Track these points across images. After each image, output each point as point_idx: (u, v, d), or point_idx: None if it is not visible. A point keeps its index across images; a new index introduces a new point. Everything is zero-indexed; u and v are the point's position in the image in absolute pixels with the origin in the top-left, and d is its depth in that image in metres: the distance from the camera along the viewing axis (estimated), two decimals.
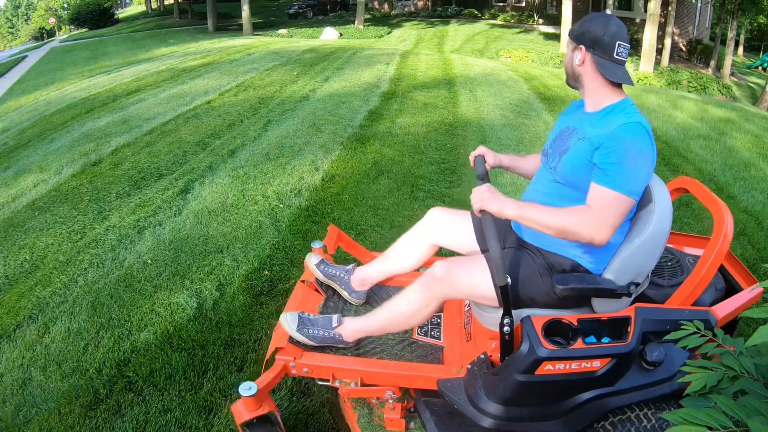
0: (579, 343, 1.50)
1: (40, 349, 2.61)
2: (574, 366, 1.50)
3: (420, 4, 31.30)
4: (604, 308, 1.68)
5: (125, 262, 3.33)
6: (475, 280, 1.68)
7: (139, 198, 4.28)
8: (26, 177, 4.99)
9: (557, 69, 14.77)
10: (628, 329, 1.54)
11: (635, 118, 1.56)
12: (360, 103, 7.33)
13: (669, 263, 1.89)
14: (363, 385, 1.78)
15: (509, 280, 1.53)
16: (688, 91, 13.85)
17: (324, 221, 3.83)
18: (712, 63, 19.87)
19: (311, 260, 2.17)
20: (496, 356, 1.66)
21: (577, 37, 1.67)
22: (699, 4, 20.48)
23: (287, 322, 1.85)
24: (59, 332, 2.71)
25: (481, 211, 1.62)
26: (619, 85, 1.66)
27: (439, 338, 1.99)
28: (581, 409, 1.58)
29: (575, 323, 1.56)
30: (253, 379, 1.67)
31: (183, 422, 2.13)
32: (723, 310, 1.64)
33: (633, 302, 1.68)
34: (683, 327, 1.34)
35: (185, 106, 7.35)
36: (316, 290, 2.16)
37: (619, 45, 1.61)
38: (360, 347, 1.91)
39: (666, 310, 1.58)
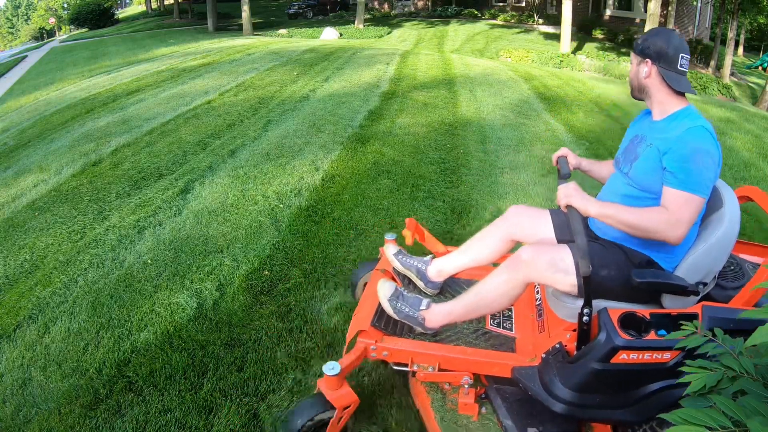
0: (652, 335, 1.59)
1: (40, 349, 2.61)
2: (646, 357, 1.58)
3: (420, 4, 31.29)
4: (672, 305, 1.76)
5: (125, 262, 3.34)
6: (559, 266, 1.77)
7: (139, 198, 4.28)
8: (26, 177, 4.99)
9: (557, 69, 14.78)
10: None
11: (699, 122, 1.71)
12: (360, 103, 7.33)
13: (731, 267, 1.96)
14: (440, 370, 1.87)
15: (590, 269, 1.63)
16: None
17: (324, 221, 3.83)
18: (712, 63, 19.87)
19: (389, 250, 2.29)
20: (570, 346, 1.77)
21: (642, 52, 1.80)
22: (699, 4, 20.49)
23: (383, 288, 2.02)
24: (59, 332, 2.71)
25: (567, 207, 1.75)
26: (682, 94, 1.80)
27: (510, 330, 2.08)
28: (650, 398, 1.65)
29: (648, 317, 1.65)
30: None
31: (183, 422, 2.13)
32: None
33: (699, 301, 1.74)
34: (683, 327, 1.34)
35: (185, 106, 7.35)
36: (393, 279, 2.22)
37: (682, 57, 1.76)
38: (436, 334, 2.01)
39: (730, 310, 1.63)
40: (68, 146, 5.83)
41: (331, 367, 1.79)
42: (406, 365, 1.90)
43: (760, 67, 27.40)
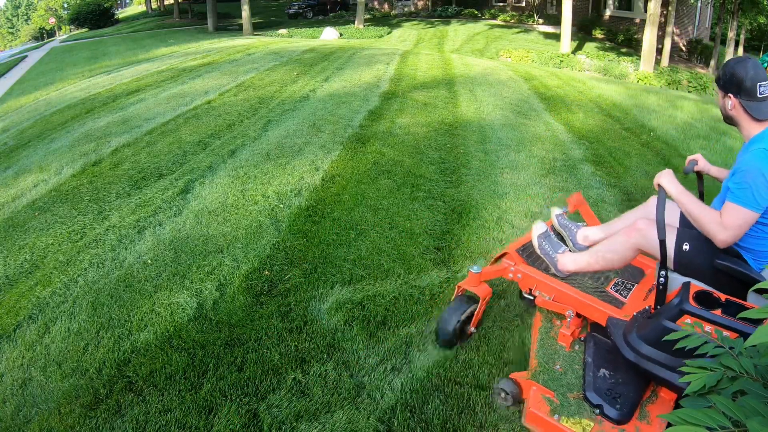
0: (718, 312, 1.75)
1: (40, 349, 2.61)
2: (707, 329, 1.68)
3: (420, 4, 31.29)
4: (756, 302, 1.88)
5: (125, 262, 3.34)
6: (653, 235, 2.05)
7: (139, 198, 4.28)
8: (26, 177, 5.00)
9: (557, 69, 14.78)
10: (764, 321, 1.64)
11: (764, 144, 1.86)
12: (360, 103, 7.33)
13: None
14: (555, 300, 2.31)
15: (666, 237, 1.94)
16: (688, 91, 13.85)
17: (324, 221, 3.83)
18: (712, 63, 19.86)
19: (554, 211, 2.68)
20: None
21: (723, 87, 1.99)
22: (699, 4, 20.48)
23: (537, 227, 2.51)
24: (59, 332, 2.71)
25: (658, 185, 2.09)
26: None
27: (625, 297, 2.34)
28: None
29: (722, 299, 1.84)
30: None
31: (183, 422, 2.13)
32: None
33: None
34: (684, 327, 1.34)
35: (185, 106, 7.35)
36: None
37: (760, 86, 1.91)
38: (564, 279, 2.41)
39: None
40: (68, 146, 5.83)
41: (476, 268, 2.42)
42: (532, 296, 2.37)
43: None
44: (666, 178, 2.09)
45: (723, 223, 1.90)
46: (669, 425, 1.04)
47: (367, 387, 2.32)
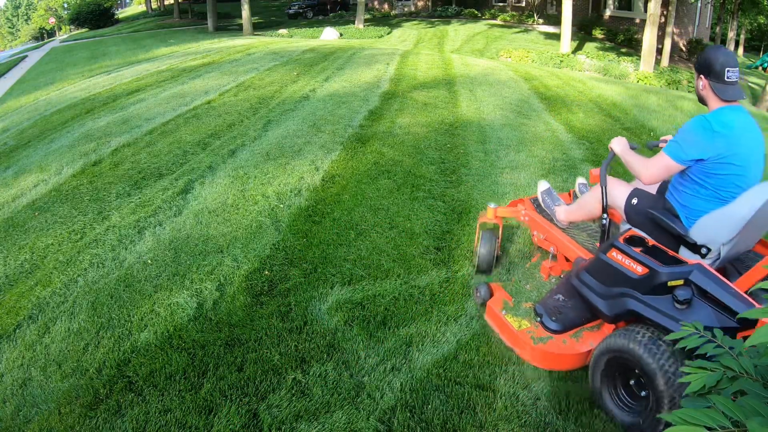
0: (637, 250, 2.16)
1: (40, 349, 2.61)
2: (627, 262, 2.16)
3: (420, 4, 31.28)
4: (686, 256, 2.21)
5: (125, 262, 3.34)
6: (614, 193, 2.55)
7: (139, 198, 4.28)
8: (26, 177, 5.00)
9: (557, 69, 14.78)
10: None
11: (708, 114, 2.15)
12: (360, 103, 7.33)
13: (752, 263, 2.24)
14: (545, 240, 2.92)
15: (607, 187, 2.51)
16: (688, 91, 13.85)
17: (324, 221, 3.83)
18: None
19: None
20: None
21: (698, 69, 2.23)
22: (699, 4, 20.47)
23: (542, 184, 3.11)
24: (59, 332, 2.71)
25: (610, 147, 2.55)
26: (733, 101, 2.18)
27: None
28: (620, 298, 2.18)
29: (649, 243, 2.25)
30: None
31: (183, 422, 2.13)
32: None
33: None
34: (684, 327, 1.34)
35: (185, 106, 7.35)
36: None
37: (728, 71, 2.14)
38: (564, 229, 2.91)
39: (718, 280, 1.95)
40: (68, 146, 5.83)
41: (493, 204, 3.13)
42: (534, 231, 3.03)
43: (760, 67, 27.40)
44: (616, 141, 2.54)
45: (647, 165, 2.26)
46: (668, 425, 1.04)
47: (367, 387, 2.32)
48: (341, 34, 21.13)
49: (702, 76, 2.20)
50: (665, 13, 18.11)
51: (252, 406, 2.21)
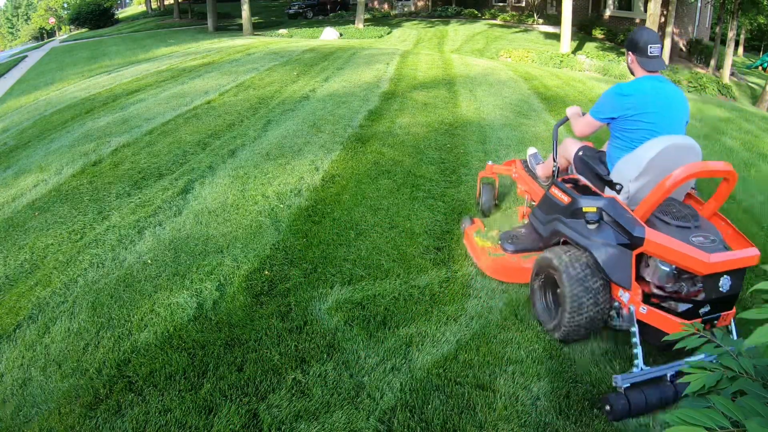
0: (569, 186, 2.80)
1: (40, 349, 2.61)
2: (560, 195, 2.80)
3: (420, 4, 31.27)
4: (610, 194, 2.69)
5: (125, 262, 3.34)
6: (569, 148, 3.14)
7: (139, 198, 4.28)
8: (26, 177, 5.00)
9: (557, 69, 14.78)
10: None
11: (625, 82, 2.65)
12: (360, 103, 7.33)
13: (674, 210, 2.50)
14: (525, 191, 3.57)
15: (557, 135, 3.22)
16: (688, 91, 13.85)
17: (324, 221, 3.83)
18: (712, 63, 19.86)
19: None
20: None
21: (627, 46, 2.71)
22: (699, 4, 20.46)
23: (531, 149, 3.68)
24: (59, 332, 2.71)
25: (566, 113, 3.16)
26: (655, 72, 2.64)
27: None
28: (552, 222, 2.83)
29: (581, 183, 2.88)
30: None
31: (183, 422, 2.13)
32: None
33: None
34: (683, 327, 1.34)
35: (185, 106, 7.35)
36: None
37: (650, 47, 2.60)
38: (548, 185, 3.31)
39: (623, 211, 2.47)
40: (68, 146, 5.83)
41: (491, 162, 4.03)
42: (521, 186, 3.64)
43: (760, 67, 27.39)
44: (570, 108, 3.14)
45: (579, 122, 2.91)
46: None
47: (367, 387, 2.32)
48: (341, 34, 21.12)
49: (630, 52, 2.67)
50: (665, 13, 18.10)
51: (252, 406, 2.21)
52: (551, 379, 2.40)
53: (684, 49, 22.48)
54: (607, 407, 2.20)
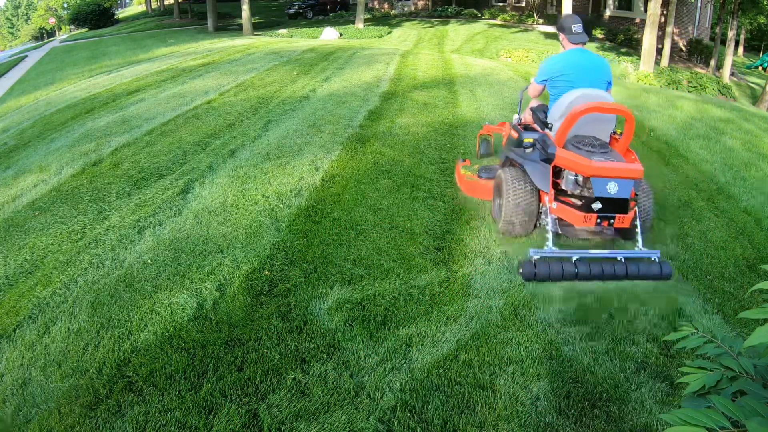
0: (521, 127, 3.82)
1: (40, 349, 2.61)
2: (513, 133, 3.83)
3: (420, 4, 31.27)
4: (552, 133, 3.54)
5: (125, 262, 3.34)
6: (531, 105, 3.89)
7: (139, 198, 4.28)
8: (26, 177, 5.00)
9: None
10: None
11: (560, 55, 3.63)
12: (360, 103, 7.33)
13: (587, 140, 3.34)
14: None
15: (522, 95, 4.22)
16: (688, 91, 13.85)
17: (324, 221, 3.83)
18: (712, 63, 19.86)
19: (514, 119, 4.18)
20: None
21: (558, 30, 3.70)
22: (699, 4, 20.45)
23: (516, 117, 4.14)
24: (59, 332, 2.71)
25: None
26: (581, 40, 3.57)
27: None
28: (508, 152, 3.85)
29: (531, 126, 3.82)
30: None
31: (183, 422, 2.13)
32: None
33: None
34: (683, 327, 1.34)
35: (185, 106, 7.35)
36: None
37: (574, 27, 3.54)
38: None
39: (545, 139, 3.45)
40: (68, 146, 5.83)
41: (488, 122, 5.29)
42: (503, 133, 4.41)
43: (760, 67, 27.39)
44: (532, 80, 3.85)
45: (529, 86, 3.86)
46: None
47: (367, 387, 2.32)
48: (341, 34, 21.12)
49: (561, 33, 3.63)
50: (665, 13, 18.10)
51: (252, 406, 2.21)
52: (551, 379, 2.40)
53: (684, 49, 22.48)
54: (520, 270, 3.10)
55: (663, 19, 18.03)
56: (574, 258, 3.11)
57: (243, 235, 3.62)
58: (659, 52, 17.57)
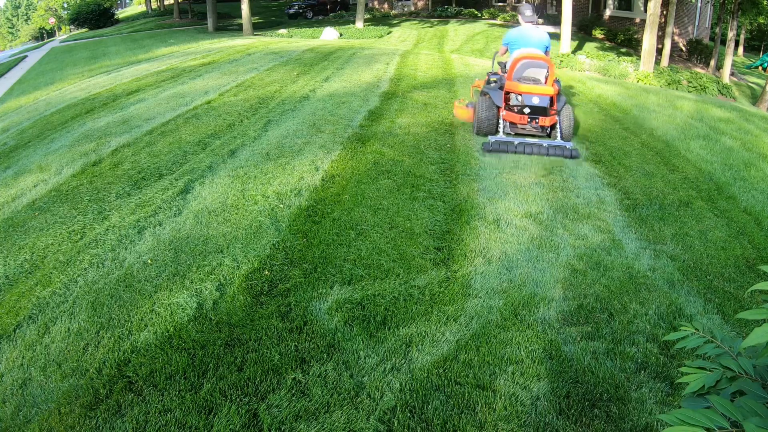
0: (490, 74, 6.44)
1: (40, 349, 2.61)
2: (487, 78, 6.47)
3: (420, 3, 31.26)
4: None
5: (125, 262, 3.34)
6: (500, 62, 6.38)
7: (139, 198, 4.28)
8: (26, 177, 5.00)
9: (557, 69, 14.76)
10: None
11: (515, 30, 5.98)
12: (360, 103, 7.33)
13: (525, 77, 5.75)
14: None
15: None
16: (688, 91, 13.85)
17: (324, 221, 3.83)
18: (712, 63, 19.85)
19: (489, 71, 6.39)
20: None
21: (519, 14, 5.90)
22: (699, 4, 20.43)
23: (489, 71, 6.57)
24: (59, 332, 2.71)
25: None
26: (533, 21, 5.87)
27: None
28: (484, 89, 6.13)
29: (496, 74, 6.31)
30: None
31: (183, 422, 2.13)
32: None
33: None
34: (683, 327, 1.34)
35: (185, 106, 7.35)
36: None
37: (526, 10, 5.81)
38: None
39: (502, 76, 6.01)
40: (68, 146, 5.83)
41: (477, 79, 7.63)
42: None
43: (760, 67, 27.38)
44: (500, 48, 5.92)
45: (499, 49, 6.00)
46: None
47: (367, 387, 2.32)
48: (341, 34, 21.12)
49: (519, 16, 5.72)
50: (665, 13, 18.09)
51: (252, 406, 2.22)
52: (551, 379, 2.40)
53: (684, 49, 22.48)
54: (483, 146, 5.45)
55: (663, 19, 18.03)
56: (516, 142, 5.47)
57: (243, 235, 3.62)
58: (659, 52, 17.57)
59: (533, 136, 5.84)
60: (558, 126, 5.66)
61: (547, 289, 3.12)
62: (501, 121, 5.71)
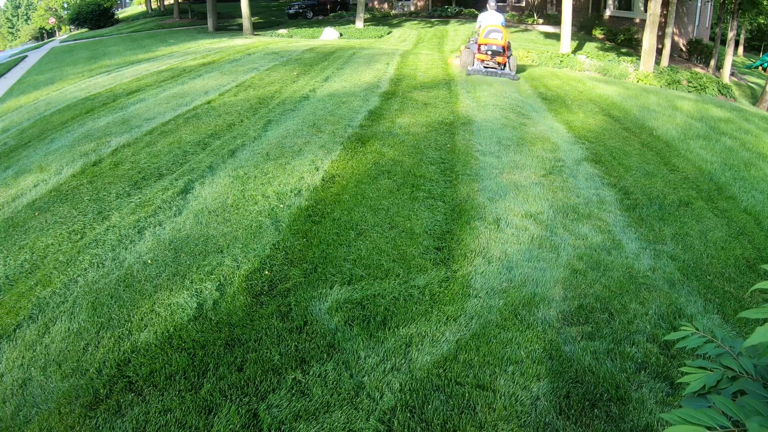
0: (471, 40, 11.70)
1: (40, 349, 2.61)
2: (468, 42, 11.83)
3: (420, 3, 31.26)
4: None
5: (125, 262, 3.34)
6: (477, 35, 11.38)
7: (139, 198, 4.28)
8: (26, 177, 4.99)
9: (557, 69, 14.76)
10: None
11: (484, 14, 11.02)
12: (360, 103, 7.33)
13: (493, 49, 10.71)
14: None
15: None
16: (688, 91, 13.85)
17: (324, 221, 3.83)
18: (712, 63, 19.85)
19: (471, 38, 11.77)
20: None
21: (486, 2, 11.22)
22: (699, 4, 20.42)
23: (470, 38, 12.12)
24: (59, 332, 2.71)
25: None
26: (495, 9, 10.95)
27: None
28: (467, 44, 11.87)
29: (475, 40, 11.02)
30: None
31: (183, 422, 2.13)
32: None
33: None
34: (684, 327, 1.34)
35: (185, 106, 7.34)
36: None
37: (490, 2, 10.86)
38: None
39: (476, 38, 10.88)
40: (68, 146, 5.83)
41: (463, 46, 12.76)
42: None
43: (760, 67, 27.38)
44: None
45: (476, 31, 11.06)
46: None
47: (367, 387, 2.32)
48: (341, 34, 21.11)
49: (487, 4, 10.75)
50: (665, 13, 18.09)
51: (252, 406, 2.21)
52: (551, 379, 2.40)
53: (684, 49, 22.47)
54: (467, 71, 10.38)
55: (663, 19, 18.02)
56: (484, 70, 10.15)
57: (243, 235, 3.62)
58: (659, 52, 17.56)
59: (494, 69, 10.29)
60: (508, 64, 10.38)
61: (547, 289, 3.12)
62: (475, 60, 10.47)
